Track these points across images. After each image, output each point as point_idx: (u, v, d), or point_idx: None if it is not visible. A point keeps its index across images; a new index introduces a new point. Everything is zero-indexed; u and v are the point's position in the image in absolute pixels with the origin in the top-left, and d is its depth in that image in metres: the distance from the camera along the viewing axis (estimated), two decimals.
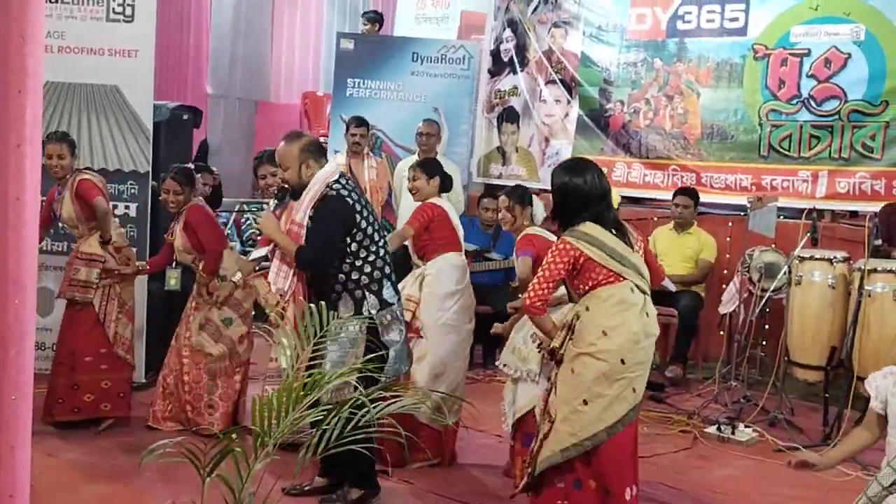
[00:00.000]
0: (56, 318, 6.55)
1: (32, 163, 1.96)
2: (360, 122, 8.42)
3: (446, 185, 6.04)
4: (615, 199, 5.08)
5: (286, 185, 5.05)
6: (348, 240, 4.95)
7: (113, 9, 7.16)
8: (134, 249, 6.85)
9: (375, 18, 11.04)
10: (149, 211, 7.20)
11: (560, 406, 4.33)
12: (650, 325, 4.40)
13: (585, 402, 4.28)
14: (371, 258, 5.02)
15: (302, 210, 4.93)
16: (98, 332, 6.25)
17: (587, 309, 4.36)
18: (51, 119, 6.94)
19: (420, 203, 5.95)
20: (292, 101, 12.83)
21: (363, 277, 4.99)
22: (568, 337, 4.34)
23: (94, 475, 5.49)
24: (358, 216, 4.98)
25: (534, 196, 5.75)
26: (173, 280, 6.33)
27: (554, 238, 5.49)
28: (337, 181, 4.99)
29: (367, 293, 4.99)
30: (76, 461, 5.69)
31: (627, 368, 4.29)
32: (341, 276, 4.95)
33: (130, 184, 7.14)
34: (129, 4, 7.15)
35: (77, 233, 6.30)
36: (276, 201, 5.12)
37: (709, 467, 6.11)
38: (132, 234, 7.06)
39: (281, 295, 4.93)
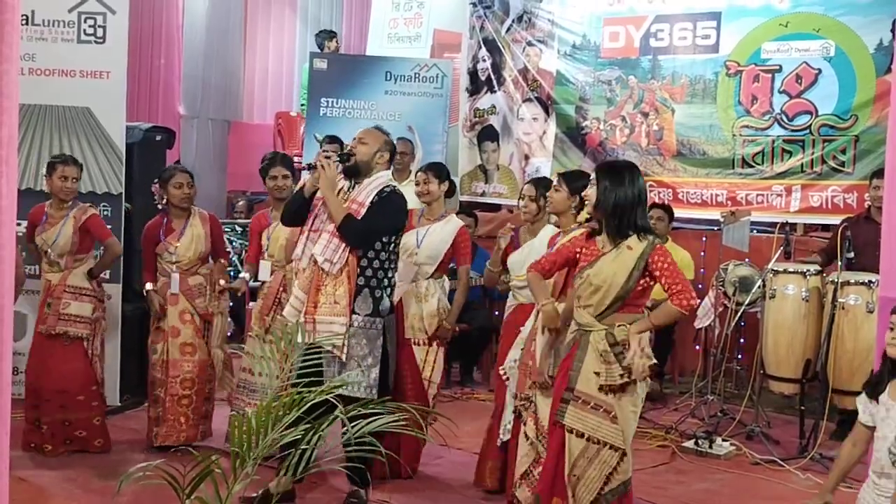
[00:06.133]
0: (28, 343, 6.47)
1: (9, 184, 1.93)
2: (333, 139, 8.43)
3: (451, 189, 6.15)
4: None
5: (352, 156, 5.18)
6: (393, 238, 5.23)
7: (84, 30, 7.12)
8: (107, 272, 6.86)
9: (329, 35, 11.15)
10: (122, 232, 7.12)
11: (629, 435, 4.31)
12: None
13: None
14: (394, 266, 5.29)
15: (365, 192, 5.13)
16: (87, 369, 6.21)
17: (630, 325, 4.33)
18: (22, 141, 6.88)
19: (430, 205, 6.01)
20: (265, 120, 12.80)
21: (386, 280, 5.21)
22: (618, 359, 4.25)
23: (69, 499, 5.43)
24: (406, 222, 5.41)
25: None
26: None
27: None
28: (397, 186, 5.35)
29: (384, 295, 5.22)
30: (50, 485, 5.63)
31: None
32: (369, 270, 5.13)
33: (104, 205, 7.07)
34: (100, 26, 7.12)
35: (58, 263, 6.20)
36: (337, 158, 5.18)
37: (687, 482, 6.11)
38: None
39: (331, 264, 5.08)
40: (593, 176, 4.47)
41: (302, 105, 11.15)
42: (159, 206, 6.42)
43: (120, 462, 5.96)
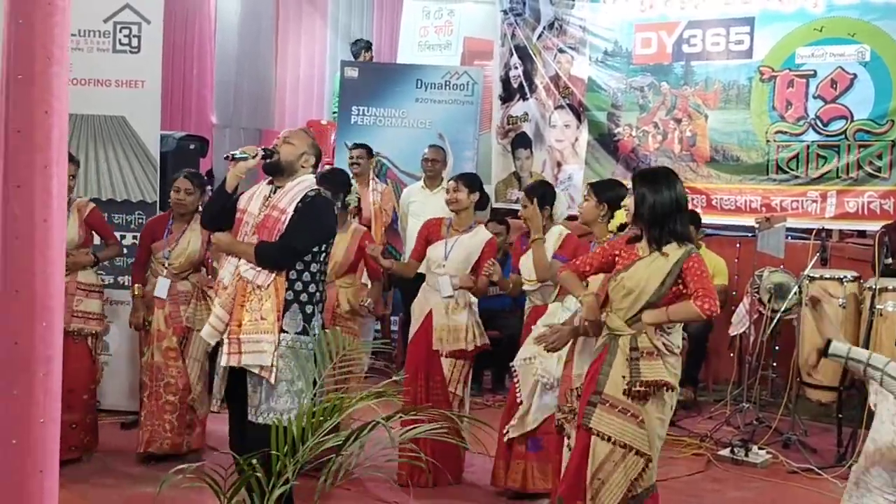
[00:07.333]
0: None
1: (59, 184, 1.95)
2: (357, 145, 8.50)
3: (483, 202, 6.10)
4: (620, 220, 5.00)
5: (276, 154, 4.79)
6: (323, 248, 4.78)
7: (119, 40, 7.15)
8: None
9: (367, 45, 11.19)
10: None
11: (655, 441, 4.29)
12: None
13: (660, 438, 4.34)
14: (324, 278, 4.87)
15: (288, 197, 4.71)
16: (91, 367, 6.17)
17: (667, 332, 4.33)
18: None
19: (458, 214, 5.96)
20: None
21: (317, 294, 4.76)
22: (633, 366, 4.25)
23: None
24: (336, 229, 4.98)
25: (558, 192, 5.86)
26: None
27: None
28: (324, 190, 4.93)
29: (316, 311, 4.76)
30: (88, 491, 5.64)
31: None
32: (299, 284, 4.67)
33: (138, 213, 7.12)
34: (135, 36, 7.15)
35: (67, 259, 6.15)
36: (261, 152, 4.81)
37: (723, 490, 6.07)
38: None
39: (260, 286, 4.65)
40: (630, 184, 4.46)
41: (334, 113, 11.21)
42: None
43: (151, 468, 5.98)
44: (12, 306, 1.99)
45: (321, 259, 4.77)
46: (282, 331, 4.59)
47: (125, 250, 6.84)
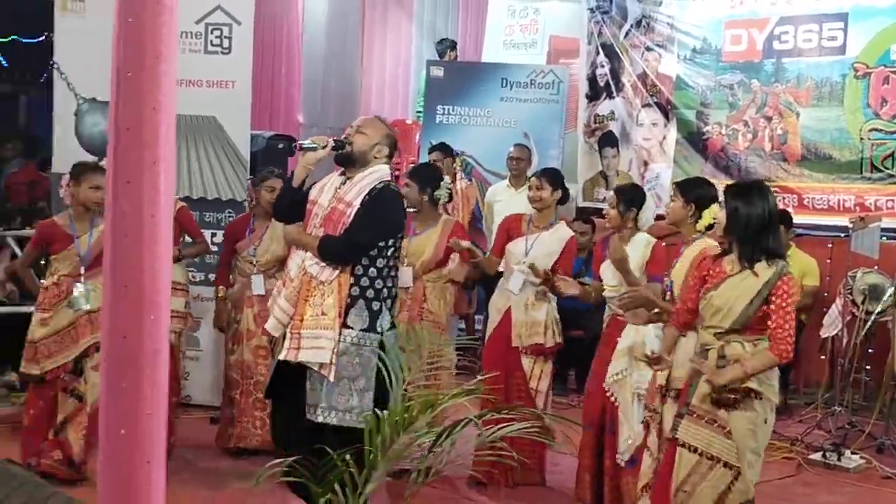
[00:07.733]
0: None
1: (167, 180, 1.99)
2: (433, 147, 8.50)
3: (564, 197, 6.04)
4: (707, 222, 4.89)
5: (349, 144, 4.63)
6: (391, 243, 4.61)
7: (211, 41, 7.26)
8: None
9: (452, 45, 11.20)
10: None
11: (746, 454, 4.17)
12: None
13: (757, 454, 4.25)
14: (394, 273, 4.70)
15: (356, 190, 4.56)
16: (172, 365, 6.16)
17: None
18: None
19: (540, 212, 5.92)
20: None
21: (385, 290, 4.60)
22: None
23: (207, 500, 5.52)
24: (405, 223, 4.83)
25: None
26: None
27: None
28: (393, 182, 4.77)
29: (384, 308, 4.59)
30: (178, 488, 5.69)
31: None
32: (365, 279, 4.53)
33: (228, 212, 7.23)
34: (226, 37, 7.26)
35: None
36: (331, 142, 4.63)
37: (815, 494, 6.00)
38: None
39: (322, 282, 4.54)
40: (722, 197, 4.37)
41: (419, 112, 11.26)
42: (249, 207, 6.48)
43: (237, 461, 6.09)
44: (121, 302, 2.04)
45: (388, 254, 4.60)
46: (346, 326, 4.48)
47: (214, 247, 6.96)
